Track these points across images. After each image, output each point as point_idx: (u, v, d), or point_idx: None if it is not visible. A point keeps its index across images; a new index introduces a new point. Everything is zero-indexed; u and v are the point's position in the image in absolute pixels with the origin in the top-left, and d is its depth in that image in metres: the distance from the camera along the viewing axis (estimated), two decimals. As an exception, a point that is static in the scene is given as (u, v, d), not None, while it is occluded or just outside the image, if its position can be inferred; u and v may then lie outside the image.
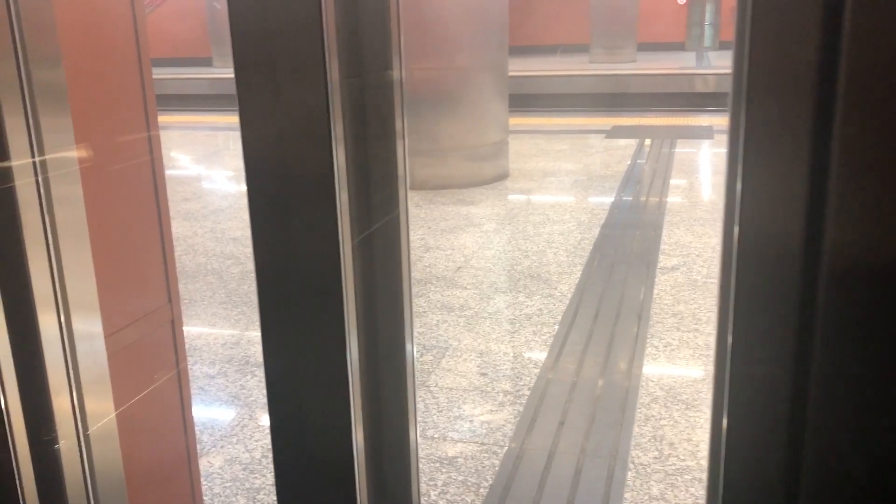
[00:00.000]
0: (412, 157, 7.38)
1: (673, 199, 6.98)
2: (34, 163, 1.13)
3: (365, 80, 1.22)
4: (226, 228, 6.46)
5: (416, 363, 1.38)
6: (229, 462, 3.06)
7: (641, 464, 2.95)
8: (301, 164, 1.13)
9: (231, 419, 3.37)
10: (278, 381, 1.26)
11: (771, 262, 0.95)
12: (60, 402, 1.23)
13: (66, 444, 1.25)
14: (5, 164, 1.10)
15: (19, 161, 1.11)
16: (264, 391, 3.60)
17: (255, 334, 4.30)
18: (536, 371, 3.74)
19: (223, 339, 4.24)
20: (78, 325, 1.26)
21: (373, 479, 1.39)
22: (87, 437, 1.28)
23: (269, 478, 2.94)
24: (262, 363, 3.82)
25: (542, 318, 4.37)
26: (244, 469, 3.01)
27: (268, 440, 3.15)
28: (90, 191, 1.34)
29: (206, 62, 22.51)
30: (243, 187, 1.27)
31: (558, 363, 3.82)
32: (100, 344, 1.30)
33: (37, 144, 1.14)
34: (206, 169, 9.73)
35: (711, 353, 3.79)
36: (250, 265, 5.39)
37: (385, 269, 1.31)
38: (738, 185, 0.94)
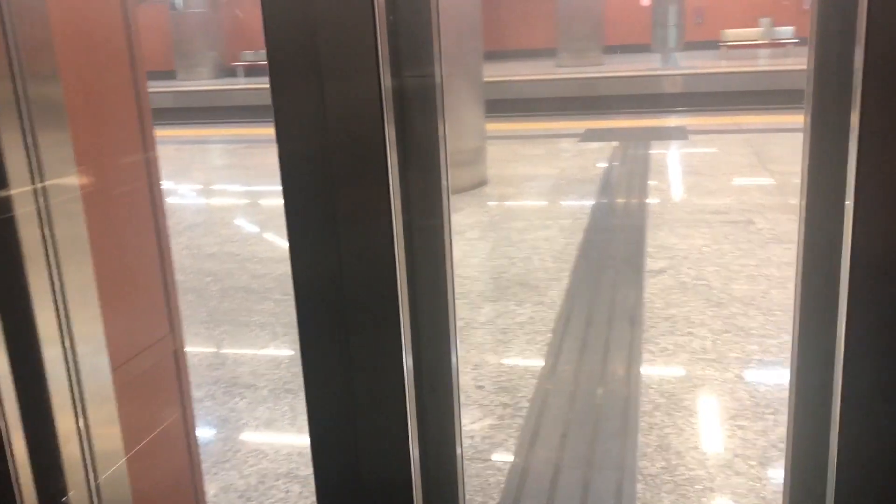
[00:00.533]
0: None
1: (653, 200, 6.97)
2: (35, 189, 1.03)
3: (409, 83, 1.14)
4: (202, 245, 6.31)
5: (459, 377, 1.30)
6: (224, 490, 2.94)
7: (650, 475, 2.88)
8: (353, 171, 1.05)
9: (223, 444, 3.25)
10: (322, 400, 1.17)
11: (887, 267, 0.88)
12: (69, 451, 1.13)
13: (76, 494, 1.15)
14: (5, 192, 1.01)
15: (19, 189, 1.01)
16: (254, 413, 3.48)
17: (241, 353, 4.18)
18: (534, 381, 3.66)
19: (208, 360, 4.11)
20: (85, 366, 1.16)
21: (430, 494, 1.31)
22: (97, 485, 1.17)
23: (267, 505, 2.83)
24: (249, 384, 3.67)
25: (535, 327, 4.29)
26: (240, 497, 2.89)
27: (263, 465, 3.04)
28: (88, 218, 1.23)
29: (170, 75, 22.21)
30: (216, 202, 1.18)
31: (555, 372, 3.74)
32: (108, 383, 1.20)
33: (38, 171, 1.04)
34: (176, 184, 9.54)
35: (708, 356, 3.75)
36: (230, 282, 5.26)
37: (430, 281, 1.23)
38: (851, 190, 0.87)
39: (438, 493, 1.32)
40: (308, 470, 3.01)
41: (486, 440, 3.18)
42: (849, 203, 0.94)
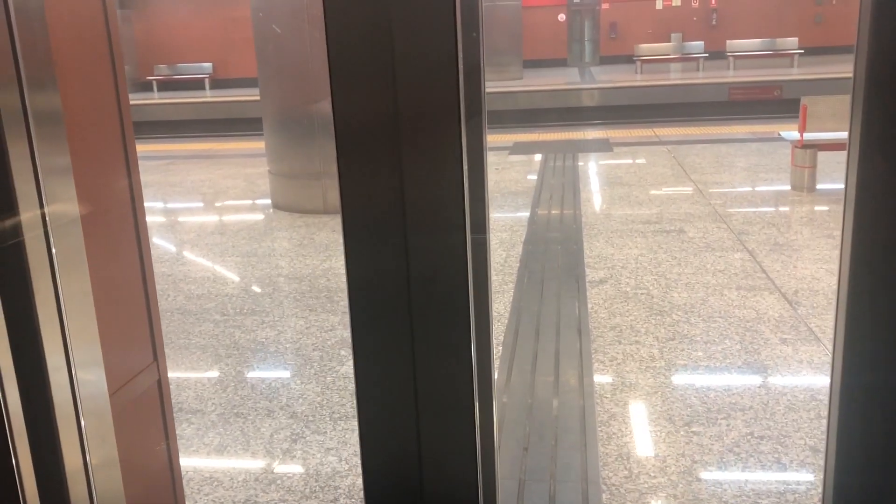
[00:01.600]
0: (324, 179, 7.19)
1: (586, 211, 7.09)
2: (40, 201, 0.96)
3: (466, 92, 1.11)
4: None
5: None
6: (179, 521, 2.81)
7: (613, 484, 2.90)
8: (426, 179, 1.00)
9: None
10: (380, 407, 1.11)
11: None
12: (75, 484, 1.05)
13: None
14: (14, 219, 0.93)
15: (27, 214, 0.94)
16: (204, 439, 3.35)
17: (184, 377, 4.03)
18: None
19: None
20: (85, 390, 1.08)
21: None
22: None
23: (228, 535, 2.72)
24: (195, 409, 3.52)
25: (484, 340, 4.29)
26: (198, 528, 2.77)
27: (218, 493, 2.93)
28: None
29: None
30: (187, 219, 1.12)
31: (510, 385, 3.74)
32: (106, 407, 1.13)
33: (44, 196, 0.97)
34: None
35: (657, 364, 3.82)
36: (164, 304, 5.08)
37: (478, 292, 1.20)
38: None
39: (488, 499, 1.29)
40: (267, 496, 2.92)
41: (448, 457, 3.15)
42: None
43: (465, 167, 1.05)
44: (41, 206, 0.95)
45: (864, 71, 1.00)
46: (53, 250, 0.98)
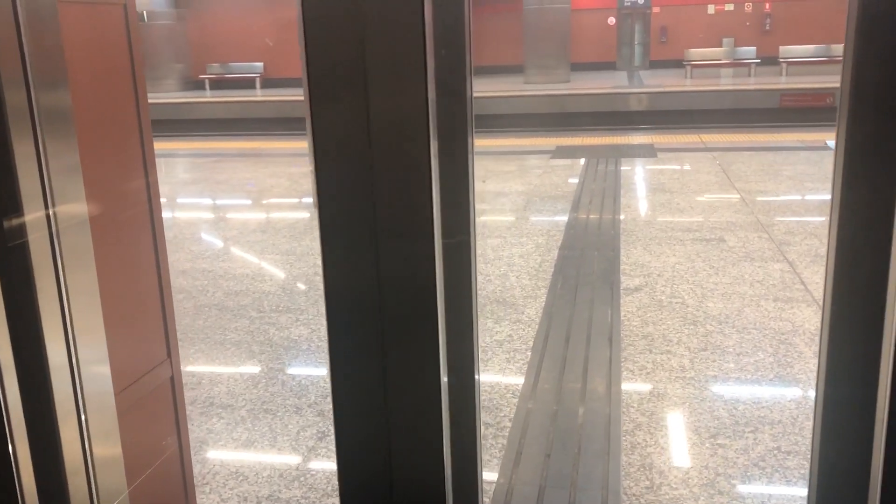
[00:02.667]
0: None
1: (625, 218, 7.03)
2: (45, 200, 1.01)
3: (446, 98, 1.13)
4: (174, 261, 6.22)
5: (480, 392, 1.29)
6: (204, 514, 2.88)
7: (634, 494, 2.88)
8: (396, 185, 1.03)
9: (202, 466, 3.19)
10: (353, 411, 1.13)
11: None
12: (76, 482, 1.09)
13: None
14: (18, 218, 0.98)
15: (29, 200, 0.99)
16: (232, 434, 3.43)
17: (217, 372, 4.11)
18: (515, 401, 3.66)
19: (183, 380, 4.03)
20: (89, 387, 1.13)
21: None
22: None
23: (250, 529, 2.78)
24: (226, 404, 3.61)
25: (514, 345, 4.30)
26: (221, 521, 2.84)
27: (243, 488, 2.99)
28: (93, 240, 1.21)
29: (136, 87, 21.95)
30: (185, 217, 1.16)
31: (536, 391, 3.74)
32: (111, 404, 1.17)
33: (50, 195, 1.01)
34: (145, 197, 9.42)
35: (687, 375, 3.78)
36: (203, 299, 5.19)
37: (458, 296, 1.22)
38: None
39: None
40: (290, 492, 2.97)
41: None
42: None
43: (435, 174, 1.07)
44: (46, 205, 1.00)
45: (850, 78, 1.00)
46: (58, 249, 1.03)
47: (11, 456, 1.01)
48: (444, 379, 1.15)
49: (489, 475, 3.05)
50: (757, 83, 17.14)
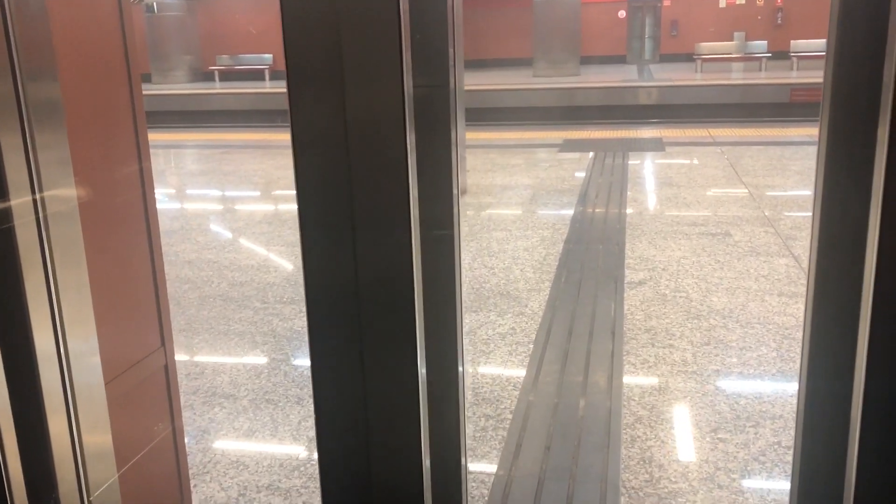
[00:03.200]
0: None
1: (631, 211, 7.02)
2: (32, 189, 1.01)
3: (426, 91, 1.13)
4: (180, 251, 6.24)
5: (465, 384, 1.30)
6: (204, 502, 2.90)
7: (633, 488, 2.88)
8: (372, 178, 1.03)
9: (203, 455, 3.21)
10: (332, 402, 1.14)
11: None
12: (62, 460, 1.10)
13: None
14: (5, 203, 0.98)
15: (18, 199, 0.99)
16: (234, 424, 3.44)
17: (220, 362, 4.13)
18: (516, 393, 3.66)
19: (186, 369, 4.05)
20: (78, 375, 1.13)
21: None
22: (90, 501, 1.15)
23: (249, 518, 2.79)
24: (228, 394, 3.63)
25: (517, 338, 4.30)
26: (221, 509, 2.85)
27: (243, 477, 3.00)
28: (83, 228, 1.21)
29: (145, 78, 22.01)
30: (191, 207, 1.16)
31: (537, 384, 3.74)
32: (101, 393, 1.17)
33: (37, 180, 1.02)
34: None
35: (689, 369, 3.77)
36: (208, 290, 5.21)
37: (441, 289, 1.22)
38: (879, 201, 0.88)
39: (444, 501, 1.31)
40: (290, 482, 2.99)
41: (470, 451, 3.17)
42: (874, 216, 0.94)
43: (413, 166, 1.07)
44: (34, 193, 1.00)
45: (832, 72, 1.00)
46: (46, 239, 1.03)
47: None
48: (423, 371, 1.16)
49: (489, 467, 3.05)
50: (767, 77, 17.05)
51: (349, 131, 1.03)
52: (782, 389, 3.60)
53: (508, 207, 7.37)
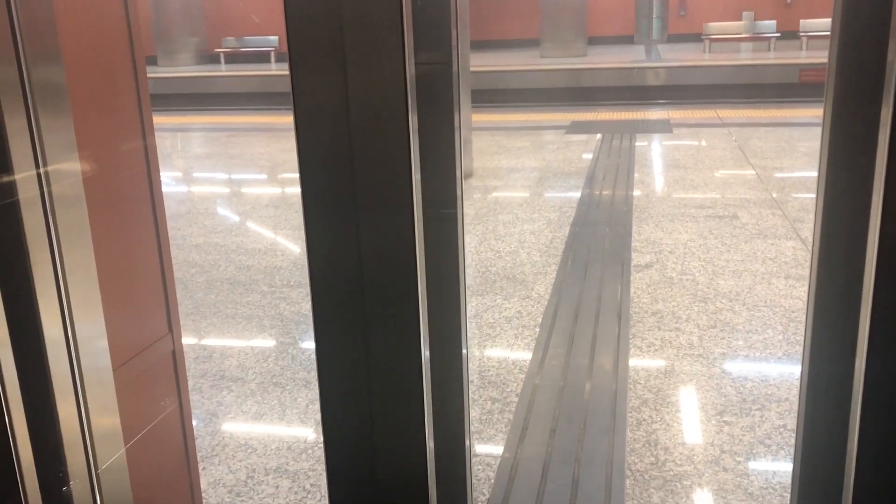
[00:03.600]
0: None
1: (638, 193, 7.00)
2: (38, 174, 1.02)
3: (429, 69, 1.13)
4: (187, 235, 6.26)
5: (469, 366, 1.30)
6: (213, 485, 2.93)
7: (638, 470, 2.90)
8: (375, 158, 1.03)
9: (211, 438, 3.24)
10: (337, 384, 1.15)
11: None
12: (70, 441, 1.12)
13: (78, 484, 1.14)
14: (9, 177, 0.99)
15: (22, 173, 1.00)
16: (242, 407, 3.47)
17: (228, 346, 4.15)
18: (522, 376, 3.67)
19: (194, 353, 4.08)
20: (86, 360, 1.14)
21: (442, 487, 1.30)
22: (97, 475, 1.17)
23: (257, 500, 2.82)
24: (237, 377, 3.64)
25: (523, 321, 4.31)
26: (230, 492, 2.88)
27: (252, 460, 3.03)
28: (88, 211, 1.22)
29: (151, 61, 21.97)
30: (198, 191, 1.17)
31: (543, 367, 3.76)
32: (109, 377, 1.19)
33: (42, 158, 1.02)
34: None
35: (695, 352, 3.78)
36: (215, 273, 5.22)
37: (444, 271, 1.22)
38: (881, 183, 0.88)
39: (448, 485, 1.31)
40: (297, 465, 3.01)
41: (476, 435, 3.19)
42: (877, 197, 0.94)
43: (415, 146, 1.07)
44: (40, 179, 1.00)
45: (836, 53, 1.00)
46: (53, 223, 1.04)
47: (8, 427, 1.03)
48: (426, 354, 1.16)
49: (494, 450, 3.07)
50: (776, 58, 16.91)
51: (351, 111, 1.03)
52: (788, 372, 3.60)
53: (515, 190, 7.36)
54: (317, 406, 3.47)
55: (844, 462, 1.04)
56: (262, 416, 3.40)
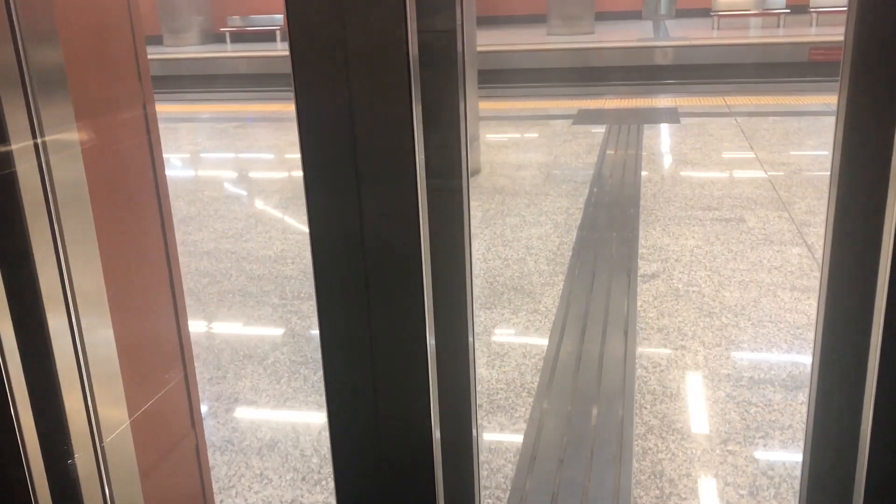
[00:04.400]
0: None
1: (645, 192, 7.02)
2: (36, 144, 1.05)
3: (432, 37, 1.11)
4: (198, 241, 6.33)
5: (476, 358, 1.30)
6: (231, 519, 3.02)
7: (644, 504, 2.98)
8: (380, 147, 1.02)
9: (228, 468, 3.32)
10: (341, 375, 1.16)
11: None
12: (74, 415, 1.18)
13: (82, 456, 1.21)
14: (6, 148, 1.03)
15: (19, 143, 1.03)
16: (258, 434, 3.55)
17: (241, 367, 4.23)
18: (530, 400, 3.75)
19: (208, 374, 4.16)
20: (88, 328, 1.20)
21: (448, 480, 1.32)
22: (102, 448, 1.23)
23: (274, 536, 2.91)
24: (250, 400, 3.70)
25: (530, 338, 4.37)
26: (247, 527, 2.98)
27: (268, 492, 3.11)
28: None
29: (156, 41, 21.88)
30: (206, 190, 1.19)
31: (551, 391, 3.83)
32: (112, 351, 1.24)
33: (39, 130, 1.06)
34: (166, 168, 9.49)
35: (701, 374, 3.84)
36: (228, 284, 5.29)
37: (450, 264, 1.21)
38: None
39: (456, 474, 1.32)
40: (312, 497, 3.10)
41: (485, 465, 3.27)
42: (892, 192, 0.92)
43: (417, 117, 1.05)
44: (41, 171, 1.03)
45: (853, 31, 0.95)
46: (56, 224, 1.08)
47: (13, 415, 1.08)
48: (431, 341, 1.15)
49: (502, 482, 3.15)
50: (785, 35, 16.74)
51: (351, 72, 1.00)
52: (792, 397, 3.67)
53: (522, 189, 7.38)
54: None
55: (855, 472, 1.05)
56: (277, 444, 3.48)
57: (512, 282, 5.17)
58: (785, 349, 4.10)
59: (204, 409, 3.80)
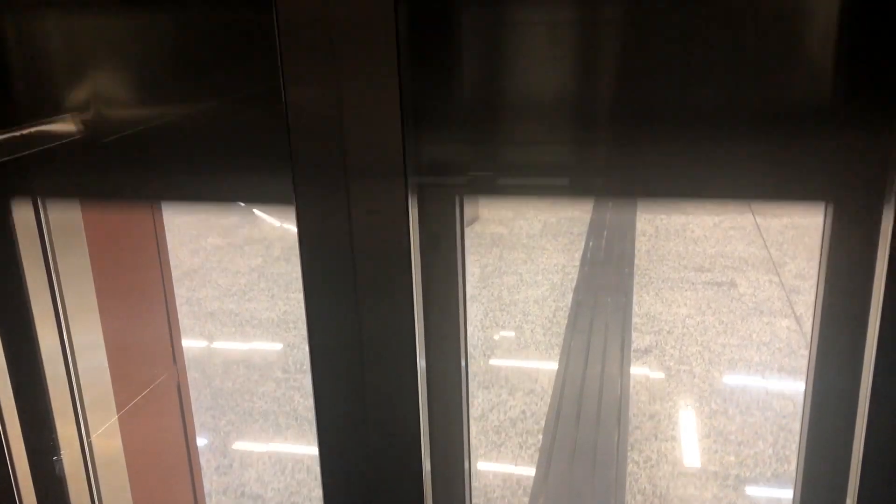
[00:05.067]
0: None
1: (639, 248, 7.15)
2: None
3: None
4: (201, 298, 6.45)
5: (469, 383, 1.30)
6: None
7: None
8: (366, 116, 1.03)
9: (236, 575, 3.47)
10: (331, 412, 1.17)
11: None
12: (60, 409, 1.29)
13: (69, 453, 1.31)
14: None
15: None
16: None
17: (247, 452, 4.37)
18: (525, 500, 3.90)
19: (216, 462, 4.30)
20: (78, 341, 1.32)
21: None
22: (89, 443, 1.35)
23: None
24: (256, 494, 3.80)
25: (526, 425, 4.52)
26: None
27: None
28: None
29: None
30: (210, 241, 1.19)
31: (547, 485, 3.98)
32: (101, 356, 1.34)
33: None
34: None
35: (690, 469, 3.99)
36: (231, 355, 5.42)
37: (444, 287, 1.20)
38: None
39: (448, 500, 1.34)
40: None
41: (483, 575, 3.43)
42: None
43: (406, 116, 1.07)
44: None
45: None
46: (46, 234, 1.22)
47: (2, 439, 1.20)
48: (422, 363, 1.17)
49: None
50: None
51: (347, 112, 1.04)
52: (777, 496, 3.82)
53: (519, 241, 7.51)
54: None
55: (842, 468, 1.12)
56: (283, 547, 3.63)
57: (508, 355, 5.30)
58: (771, 442, 4.25)
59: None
